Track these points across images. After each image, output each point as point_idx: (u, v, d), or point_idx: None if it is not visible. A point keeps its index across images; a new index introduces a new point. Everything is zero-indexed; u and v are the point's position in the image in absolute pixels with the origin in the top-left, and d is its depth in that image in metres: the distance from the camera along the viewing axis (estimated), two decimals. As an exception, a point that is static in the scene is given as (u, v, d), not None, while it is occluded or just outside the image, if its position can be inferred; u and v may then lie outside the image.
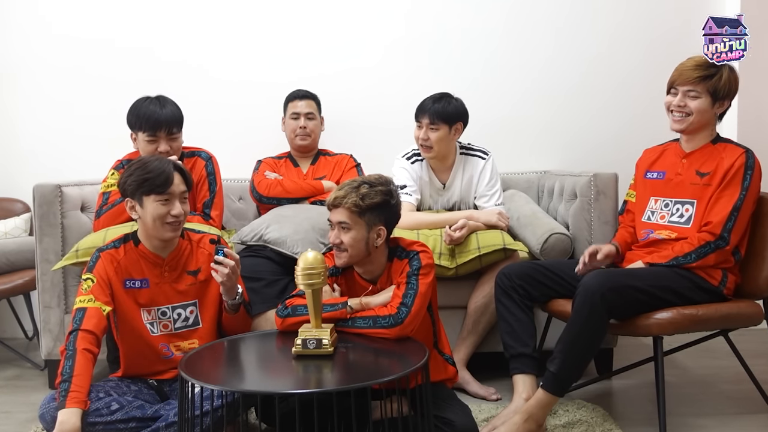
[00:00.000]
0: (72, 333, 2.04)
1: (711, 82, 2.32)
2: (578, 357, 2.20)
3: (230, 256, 2.15)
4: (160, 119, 2.71)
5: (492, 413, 2.42)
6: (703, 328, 2.33)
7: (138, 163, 2.18)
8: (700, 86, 2.33)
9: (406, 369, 1.78)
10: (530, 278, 2.47)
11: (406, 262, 2.13)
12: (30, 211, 3.40)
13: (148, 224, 2.16)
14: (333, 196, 2.13)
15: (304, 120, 3.19)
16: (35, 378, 3.03)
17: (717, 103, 2.34)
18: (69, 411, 1.91)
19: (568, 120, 3.58)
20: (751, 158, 2.32)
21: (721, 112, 2.39)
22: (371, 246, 2.13)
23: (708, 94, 2.33)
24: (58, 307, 2.81)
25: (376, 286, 2.19)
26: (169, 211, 2.14)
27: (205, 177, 2.85)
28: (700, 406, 2.59)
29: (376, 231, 2.12)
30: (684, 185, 2.39)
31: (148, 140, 2.73)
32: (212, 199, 2.84)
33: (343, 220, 2.10)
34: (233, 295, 2.22)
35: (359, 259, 2.15)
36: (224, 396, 1.91)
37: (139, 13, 3.53)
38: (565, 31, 3.58)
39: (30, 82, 3.55)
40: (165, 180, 2.13)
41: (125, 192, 2.17)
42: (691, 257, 2.27)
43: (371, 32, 3.57)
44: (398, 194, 2.20)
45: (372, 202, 2.09)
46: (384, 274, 2.20)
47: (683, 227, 2.35)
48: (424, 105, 2.89)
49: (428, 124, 2.86)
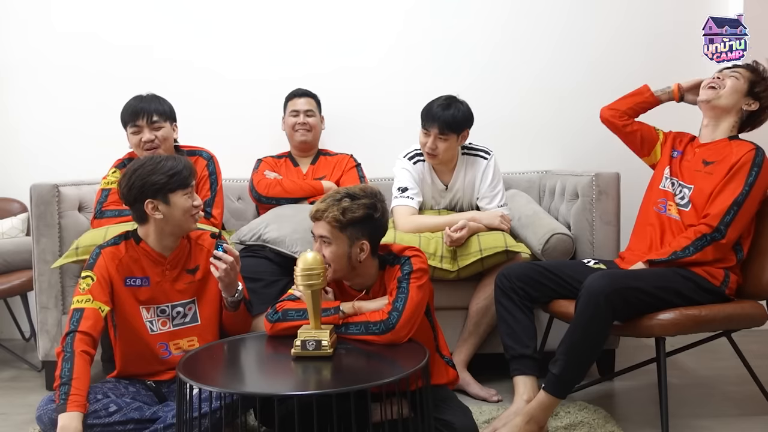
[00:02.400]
0: (69, 334, 2.03)
1: (754, 75, 2.39)
2: (581, 359, 2.18)
3: (230, 252, 2.14)
4: (137, 108, 2.76)
5: (493, 415, 2.40)
6: (706, 329, 2.32)
7: (149, 165, 2.14)
8: (745, 71, 2.40)
9: (406, 371, 1.77)
10: (530, 279, 2.45)
11: (398, 267, 2.08)
12: (27, 211, 3.38)
13: (176, 220, 2.16)
14: (314, 209, 2.06)
15: (303, 117, 3.18)
16: (32, 379, 3.02)
17: (749, 97, 2.38)
18: (70, 415, 1.90)
19: (570, 119, 3.57)
20: (761, 156, 2.31)
21: (747, 111, 2.40)
22: (354, 260, 2.05)
23: (746, 81, 2.38)
24: (55, 307, 2.79)
25: (368, 295, 2.15)
26: (192, 202, 2.18)
27: (207, 176, 2.84)
28: (703, 407, 2.58)
29: (359, 245, 2.04)
30: (689, 171, 2.41)
31: (132, 132, 2.77)
32: (213, 198, 2.83)
33: (323, 234, 2.04)
34: (232, 291, 2.21)
35: (343, 274, 2.08)
36: (223, 398, 1.89)
37: (138, 12, 3.52)
38: (566, 30, 3.57)
39: (28, 82, 3.54)
40: (189, 173, 2.18)
41: (143, 195, 2.12)
42: (689, 250, 2.27)
43: (372, 31, 3.56)
44: (384, 206, 2.12)
45: (353, 217, 2.01)
46: (376, 284, 2.15)
47: (683, 210, 2.39)
48: (433, 113, 2.79)
49: (437, 134, 2.80)
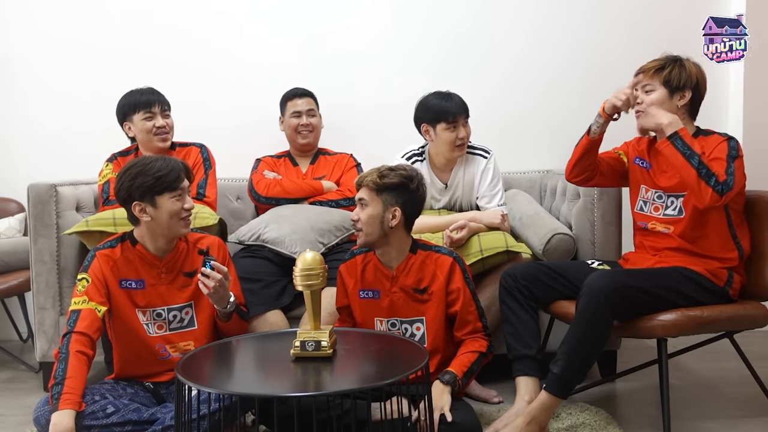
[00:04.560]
0: (66, 336, 2.03)
1: (663, 74, 2.32)
2: (582, 358, 2.17)
3: (218, 269, 2.12)
4: (151, 96, 2.84)
5: (494, 416, 2.38)
6: (707, 329, 2.30)
7: (138, 166, 2.13)
8: (654, 79, 2.34)
9: (406, 371, 1.75)
10: (535, 279, 2.44)
11: (436, 255, 2.30)
12: (24, 211, 3.36)
13: (164, 223, 2.13)
14: (359, 177, 2.29)
15: (306, 117, 3.15)
16: (30, 380, 3.00)
17: (676, 94, 2.32)
18: (62, 413, 1.89)
19: (571, 118, 3.53)
20: (734, 141, 2.28)
21: (684, 104, 2.34)
22: (386, 226, 2.23)
23: (662, 86, 2.32)
24: (52, 308, 2.77)
25: (392, 272, 2.29)
26: (182, 206, 2.14)
27: (201, 162, 2.88)
28: (705, 409, 2.56)
29: (392, 212, 2.22)
30: (672, 179, 2.36)
31: (145, 117, 2.81)
32: (206, 179, 2.85)
33: (362, 197, 2.25)
34: (224, 305, 2.20)
35: (374, 239, 2.25)
36: (221, 399, 1.88)
37: (135, 11, 3.50)
38: (567, 28, 3.56)
39: (25, 82, 3.52)
40: (177, 175, 2.14)
41: (131, 197, 2.11)
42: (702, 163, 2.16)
43: (372, 30, 3.55)
44: (423, 185, 2.30)
45: (389, 182, 2.23)
46: (403, 263, 2.28)
47: (678, 218, 2.34)
48: (447, 106, 2.80)
49: (464, 121, 2.83)
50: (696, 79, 2.33)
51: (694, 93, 2.34)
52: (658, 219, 2.39)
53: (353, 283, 2.35)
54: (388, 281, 2.30)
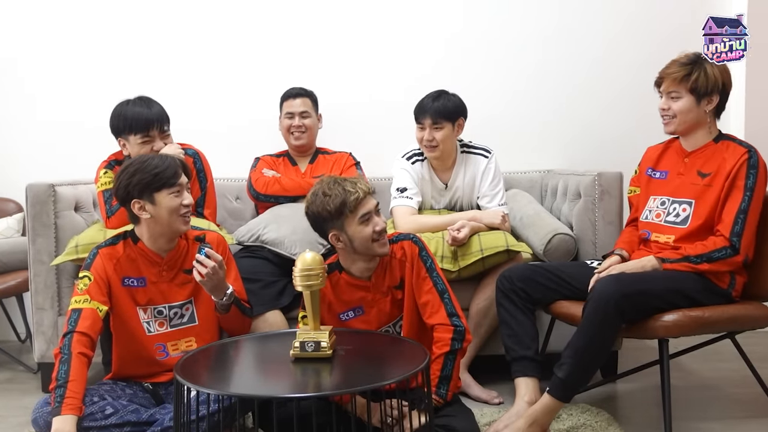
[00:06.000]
0: (67, 335, 2.01)
1: (690, 81, 2.28)
2: (588, 363, 2.16)
3: (212, 257, 2.11)
4: (150, 118, 2.66)
5: (494, 417, 2.38)
6: (709, 330, 2.29)
7: (135, 164, 2.14)
8: (681, 86, 2.30)
9: (406, 372, 1.74)
10: (531, 281, 2.43)
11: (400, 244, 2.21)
12: (23, 211, 3.36)
13: (164, 220, 2.13)
14: None
15: (298, 119, 3.13)
16: (28, 381, 3.00)
17: (703, 100, 2.29)
18: (64, 418, 1.88)
19: (572, 118, 3.56)
20: (754, 156, 2.27)
21: (712, 108, 2.32)
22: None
23: (689, 93, 2.29)
24: (51, 309, 2.76)
25: (370, 281, 2.20)
26: (181, 202, 2.14)
27: (195, 175, 2.78)
28: (707, 409, 2.56)
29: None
30: (685, 185, 2.34)
31: (142, 141, 2.66)
32: (203, 196, 2.80)
33: None
34: (220, 295, 2.19)
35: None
36: (221, 400, 1.86)
37: (133, 11, 3.49)
38: (568, 30, 3.56)
39: (24, 82, 3.52)
40: (174, 172, 2.13)
41: (129, 195, 2.12)
42: (702, 258, 2.21)
43: (372, 29, 3.54)
44: None
45: None
46: (379, 267, 2.20)
47: (679, 227, 2.31)
48: (423, 105, 2.85)
49: (431, 124, 2.82)
50: (722, 82, 2.31)
51: (721, 95, 2.32)
52: (661, 227, 2.36)
53: (326, 307, 2.21)
54: (368, 292, 2.22)
